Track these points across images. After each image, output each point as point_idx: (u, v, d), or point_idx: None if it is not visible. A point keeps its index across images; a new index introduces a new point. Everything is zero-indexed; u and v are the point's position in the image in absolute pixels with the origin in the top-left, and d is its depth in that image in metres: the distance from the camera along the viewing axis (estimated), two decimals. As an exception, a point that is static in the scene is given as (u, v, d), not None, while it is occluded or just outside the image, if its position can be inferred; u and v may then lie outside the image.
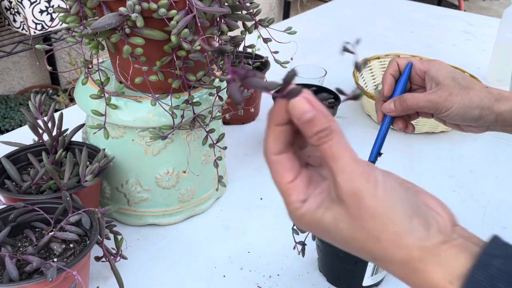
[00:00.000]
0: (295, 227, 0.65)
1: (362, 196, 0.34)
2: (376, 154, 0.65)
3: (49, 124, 0.73)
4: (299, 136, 0.37)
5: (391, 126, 0.66)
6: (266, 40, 0.71)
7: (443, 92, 0.61)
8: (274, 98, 0.36)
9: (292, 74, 0.34)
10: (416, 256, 0.34)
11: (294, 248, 0.67)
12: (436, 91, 0.61)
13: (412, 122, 0.67)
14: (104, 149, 0.72)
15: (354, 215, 0.34)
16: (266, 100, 1.05)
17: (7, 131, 1.85)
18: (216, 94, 0.71)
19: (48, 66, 0.72)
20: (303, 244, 0.66)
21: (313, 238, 0.68)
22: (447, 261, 0.33)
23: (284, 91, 0.35)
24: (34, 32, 1.75)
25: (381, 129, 0.65)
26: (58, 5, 1.15)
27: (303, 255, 0.67)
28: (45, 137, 0.74)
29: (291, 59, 0.76)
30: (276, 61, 0.72)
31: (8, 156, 0.72)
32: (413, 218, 0.34)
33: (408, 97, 0.62)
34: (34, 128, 0.73)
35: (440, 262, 0.33)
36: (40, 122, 0.73)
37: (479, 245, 0.34)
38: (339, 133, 0.35)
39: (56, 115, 0.76)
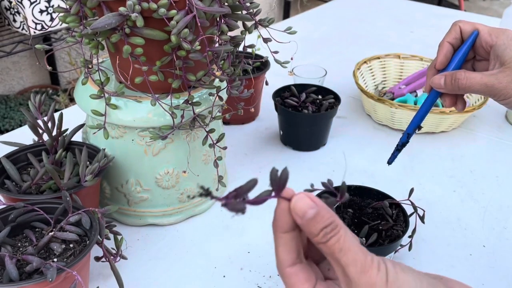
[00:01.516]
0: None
1: (375, 285, 0.33)
2: (415, 126, 0.59)
3: (49, 124, 0.73)
4: (313, 248, 0.37)
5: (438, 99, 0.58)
6: (266, 40, 0.71)
7: (505, 77, 0.51)
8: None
9: (282, 174, 0.32)
10: None
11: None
12: (497, 74, 0.51)
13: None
14: (104, 149, 0.72)
15: None
16: (266, 100, 1.05)
17: (7, 131, 1.85)
18: (216, 94, 0.71)
19: (48, 66, 0.72)
20: None
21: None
22: None
23: (278, 189, 0.33)
24: (34, 32, 1.75)
25: (426, 101, 0.57)
26: (58, 5, 1.15)
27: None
28: (45, 137, 0.74)
29: (291, 59, 0.76)
30: (276, 61, 0.72)
31: (8, 156, 0.72)
32: None
33: (462, 76, 0.53)
34: (34, 128, 0.73)
35: None
36: (40, 122, 0.73)
37: None
38: (344, 226, 0.34)
39: (56, 115, 0.76)
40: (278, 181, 0.33)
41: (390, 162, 0.65)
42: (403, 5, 1.88)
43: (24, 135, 0.84)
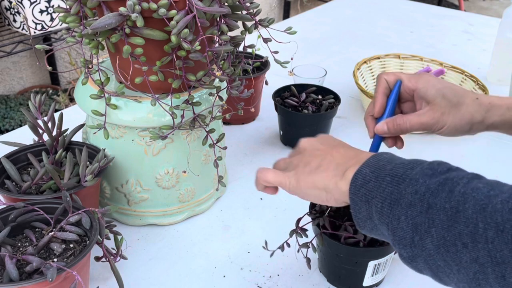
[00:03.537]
0: (299, 230, 0.65)
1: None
2: None
3: (49, 124, 0.73)
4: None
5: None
6: (266, 40, 0.71)
7: (435, 113, 0.60)
8: None
9: None
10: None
11: (298, 251, 0.67)
12: (428, 112, 0.61)
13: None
14: (104, 149, 0.72)
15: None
16: (266, 100, 1.05)
17: (7, 131, 1.85)
18: (216, 94, 0.71)
19: (48, 66, 0.72)
20: (307, 246, 0.66)
21: (315, 249, 0.68)
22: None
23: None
24: (34, 32, 1.75)
25: (373, 145, 0.63)
26: (58, 5, 1.15)
27: (309, 266, 0.66)
28: (45, 137, 0.74)
29: (291, 59, 0.76)
30: (276, 61, 0.72)
31: (8, 156, 0.72)
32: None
33: (401, 121, 0.62)
34: (34, 128, 0.73)
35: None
36: (40, 122, 0.73)
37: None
38: None
39: (56, 115, 0.76)
40: None
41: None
42: (403, 5, 1.88)
43: (24, 135, 0.84)
